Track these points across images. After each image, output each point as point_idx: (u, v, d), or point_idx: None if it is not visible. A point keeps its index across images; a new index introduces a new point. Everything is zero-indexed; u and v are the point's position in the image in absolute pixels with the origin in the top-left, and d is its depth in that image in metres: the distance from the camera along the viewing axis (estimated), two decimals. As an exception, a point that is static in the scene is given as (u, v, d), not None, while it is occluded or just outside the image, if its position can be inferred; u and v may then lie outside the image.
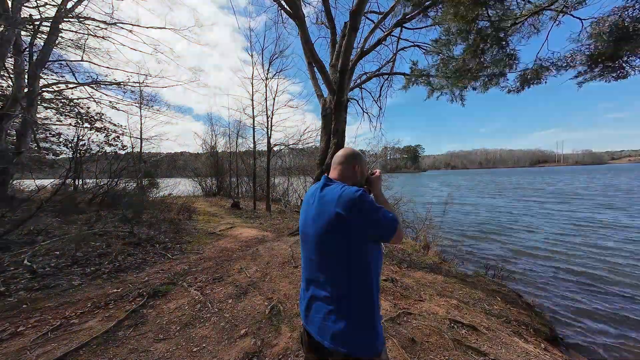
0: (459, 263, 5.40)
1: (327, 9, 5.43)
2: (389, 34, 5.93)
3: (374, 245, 0.89)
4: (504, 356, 2.03)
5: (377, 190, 1.10)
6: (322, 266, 0.90)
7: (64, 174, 4.82)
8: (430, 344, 2.11)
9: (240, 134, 14.66)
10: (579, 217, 10.10)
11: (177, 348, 1.98)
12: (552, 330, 2.98)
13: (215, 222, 7.28)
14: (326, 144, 5.48)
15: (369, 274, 0.86)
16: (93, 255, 3.72)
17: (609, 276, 4.67)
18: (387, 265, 4.03)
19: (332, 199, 0.88)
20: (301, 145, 11.79)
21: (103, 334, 2.07)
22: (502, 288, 3.80)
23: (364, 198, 0.85)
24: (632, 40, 2.51)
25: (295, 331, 2.21)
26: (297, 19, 4.65)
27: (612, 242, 6.73)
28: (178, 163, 19.35)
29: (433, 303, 2.86)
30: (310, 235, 0.93)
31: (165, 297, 2.77)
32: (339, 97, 4.94)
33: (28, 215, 3.97)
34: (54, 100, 7.29)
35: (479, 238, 7.67)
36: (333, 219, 0.85)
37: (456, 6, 2.91)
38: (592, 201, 14.14)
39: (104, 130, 6.75)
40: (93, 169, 7.45)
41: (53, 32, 6.27)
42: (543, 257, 5.83)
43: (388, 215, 0.86)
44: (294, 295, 2.87)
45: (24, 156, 6.02)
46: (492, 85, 3.78)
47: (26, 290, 2.74)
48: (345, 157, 1.04)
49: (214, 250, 4.67)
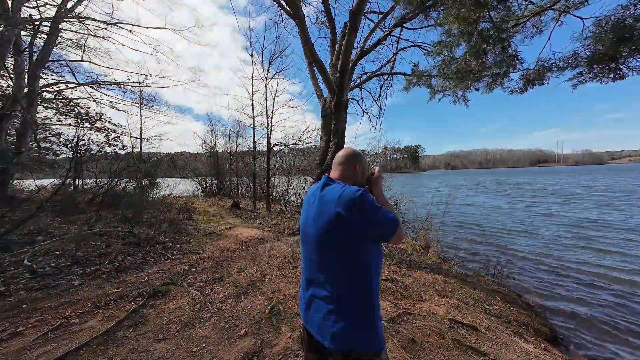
0: (459, 263, 5.40)
1: (327, 9, 5.43)
2: (389, 34, 5.94)
3: (374, 246, 0.89)
4: (504, 356, 2.03)
5: (377, 190, 1.10)
6: (322, 266, 0.90)
7: (64, 174, 4.82)
8: (430, 344, 2.11)
9: (240, 134, 14.68)
10: (579, 217, 10.09)
11: (177, 348, 1.98)
12: (552, 330, 2.98)
13: (215, 222, 7.28)
14: (326, 144, 5.48)
15: (369, 274, 0.86)
16: (93, 255, 3.72)
17: (609, 276, 4.67)
18: (387, 265, 4.03)
19: (332, 198, 0.88)
20: (301, 145, 11.80)
21: (103, 334, 2.07)
22: (502, 288, 3.80)
23: (365, 198, 0.84)
24: (633, 40, 2.50)
25: (295, 331, 2.21)
26: (297, 19, 4.65)
27: (613, 242, 6.72)
28: (178, 163, 19.35)
29: (433, 303, 2.86)
30: (310, 235, 0.93)
31: (165, 297, 2.77)
32: (339, 97, 4.95)
33: (28, 215, 3.97)
34: (54, 100, 7.29)
35: (479, 238, 7.67)
36: (333, 219, 0.85)
37: (458, 8, 2.90)
38: (592, 201, 14.13)
39: (104, 130, 6.74)
40: (93, 169, 7.45)
41: (53, 32, 6.27)
42: (543, 257, 5.83)
43: (388, 216, 0.86)
44: (294, 295, 2.87)
45: (24, 156, 6.02)
46: (497, 85, 3.75)
47: (26, 290, 2.74)
48: (346, 157, 1.04)
49: (214, 250, 4.67)
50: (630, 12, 2.57)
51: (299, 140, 11.60)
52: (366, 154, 12.98)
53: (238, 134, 14.60)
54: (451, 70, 3.76)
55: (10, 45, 5.59)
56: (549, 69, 3.24)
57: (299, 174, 13.87)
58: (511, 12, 3.14)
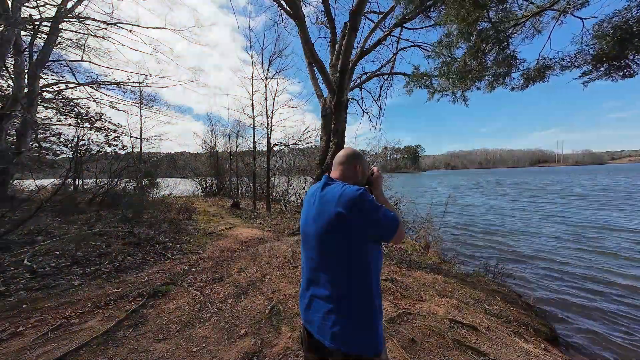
0: (459, 263, 5.40)
1: (327, 9, 5.43)
2: (389, 34, 5.94)
3: (374, 245, 0.89)
4: (504, 356, 2.03)
5: (378, 189, 1.10)
6: (323, 266, 0.90)
7: (64, 174, 4.83)
8: (430, 344, 2.11)
9: (240, 134, 14.68)
10: (579, 217, 10.09)
11: (177, 348, 1.98)
12: (552, 330, 2.98)
13: (215, 222, 7.28)
14: (326, 144, 5.48)
15: (369, 274, 0.86)
16: (93, 255, 3.72)
17: (609, 277, 4.67)
18: (387, 265, 4.03)
19: (332, 198, 0.88)
20: (301, 145, 11.80)
21: (103, 334, 2.07)
22: (502, 288, 3.80)
23: (365, 197, 0.84)
24: (637, 40, 2.49)
25: (295, 331, 2.21)
26: (297, 19, 4.65)
27: (613, 243, 6.72)
28: (178, 163, 19.35)
29: (433, 303, 2.86)
30: (310, 234, 0.94)
31: (165, 297, 2.77)
32: (339, 97, 4.95)
33: (28, 215, 3.97)
34: (54, 100, 7.29)
35: (479, 238, 7.67)
36: (333, 219, 0.85)
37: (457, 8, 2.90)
38: (592, 202, 14.13)
39: (104, 130, 6.76)
40: (93, 169, 7.45)
41: (53, 32, 6.28)
42: (543, 257, 5.82)
43: (389, 215, 0.86)
44: (294, 295, 2.87)
45: (24, 156, 6.02)
46: (499, 84, 3.75)
47: (26, 290, 2.74)
48: (347, 157, 1.04)
49: (214, 250, 4.67)
50: (633, 13, 2.57)
51: (299, 140, 11.62)
52: (366, 154, 12.98)
53: (238, 134, 14.62)
54: (452, 70, 3.76)
55: (10, 45, 5.59)
56: (549, 67, 3.25)
57: (299, 174, 13.87)
58: (510, 13, 3.14)
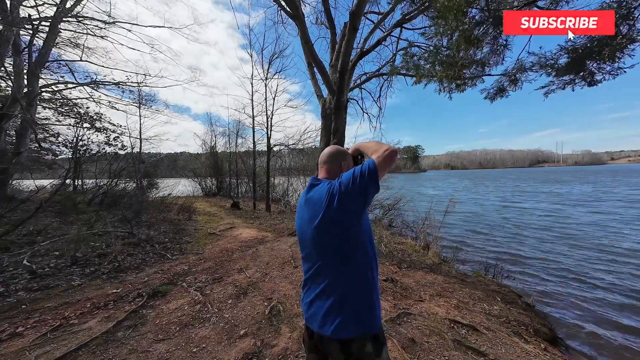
0: (459, 263, 5.40)
1: (326, 9, 5.42)
2: (388, 34, 5.94)
3: (370, 245, 0.92)
4: (504, 356, 2.03)
5: (364, 147, 1.02)
6: (321, 264, 0.92)
7: (63, 174, 4.83)
8: (430, 344, 2.11)
9: (239, 134, 14.69)
10: (579, 217, 10.10)
11: (176, 348, 1.98)
12: (552, 330, 2.98)
13: (215, 222, 7.27)
14: (326, 144, 5.47)
15: (366, 271, 0.89)
16: (93, 256, 3.72)
17: (610, 277, 4.67)
18: (387, 266, 4.03)
19: (320, 197, 0.91)
20: (301, 145, 11.79)
21: (102, 335, 2.07)
22: (502, 288, 3.79)
23: (334, 182, 0.89)
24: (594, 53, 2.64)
25: (295, 331, 2.20)
26: (297, 19, 4.64)
27: (614, 243, 6.73)
28: (178, 163, 19.33)
29: (433, 303, 2.86)
30: (307, 235, 0.96)
31: (164, 298, 2.77)
32: (339, 98, 4.94)
33: (28, 215, 3.97)
34: (53, 101, 7.28)
35: (479, 238, 7.67)
36: (324, 217, 0.87)
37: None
38: (592, 202, 14.14)
39: (104, 130, 6.75)
40: (93, 169, 7.45)
41: (52, 31, 6.27)
42: (543, 257, 5.82)
43: (363, 165, 0.85)
44: (294, 295, 2.86)
45: (24, 156, 6.01)
46: (469, 86, 4.21)
47: (25, 290, 2.74)
48: (331, 156, 1.06)
49: (214, 250, 4.67)
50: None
51: (299, 140, 11.61)
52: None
53: (238, 134, 14.63)
54: (439, 58, 3.89)
55: (9, 45, 5.59)
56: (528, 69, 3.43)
57: (299, 174, 13.86)
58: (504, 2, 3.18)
